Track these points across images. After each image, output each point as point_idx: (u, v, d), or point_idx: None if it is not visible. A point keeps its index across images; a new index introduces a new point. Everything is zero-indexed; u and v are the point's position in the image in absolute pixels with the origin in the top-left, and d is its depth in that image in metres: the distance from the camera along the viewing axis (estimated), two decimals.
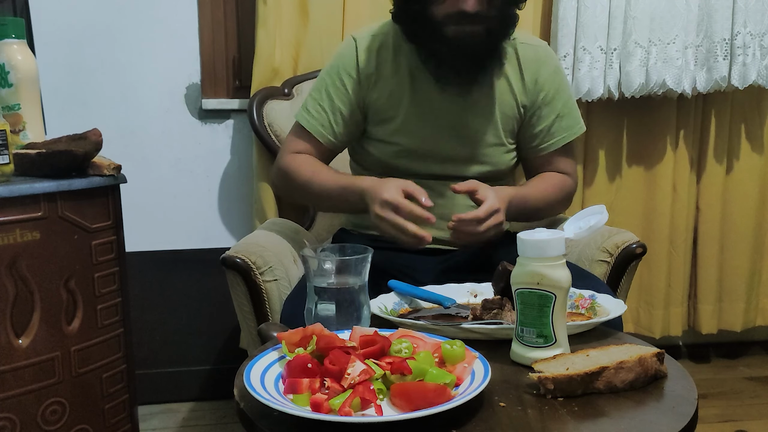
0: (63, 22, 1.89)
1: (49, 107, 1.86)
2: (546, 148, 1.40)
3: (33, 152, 1.10)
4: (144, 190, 1.97)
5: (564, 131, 1.40)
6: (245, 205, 2.05)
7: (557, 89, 1.39)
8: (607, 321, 0.98)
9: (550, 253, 0.83)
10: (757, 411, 2.01)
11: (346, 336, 0.83)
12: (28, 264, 1.03)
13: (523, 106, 1.38)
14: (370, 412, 0.70)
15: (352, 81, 1.35)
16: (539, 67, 1.38)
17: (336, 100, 1.36)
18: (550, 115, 1.39)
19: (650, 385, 0.79)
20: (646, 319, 2.22)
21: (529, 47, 1.39)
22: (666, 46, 1.97)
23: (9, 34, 1.19)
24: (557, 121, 1.40)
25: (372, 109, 1.37)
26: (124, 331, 1.20)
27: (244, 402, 0.74)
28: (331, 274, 0.93)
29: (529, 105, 1.39)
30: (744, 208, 2.23)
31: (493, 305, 0.98)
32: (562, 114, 1.40)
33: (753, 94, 2.17)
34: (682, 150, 2.15)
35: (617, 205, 2.17)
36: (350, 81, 1.36)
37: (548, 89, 1.38)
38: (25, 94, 1.20)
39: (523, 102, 1.38)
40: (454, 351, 0.78)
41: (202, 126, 2.01)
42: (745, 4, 1.97)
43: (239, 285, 1.33)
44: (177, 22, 1.96)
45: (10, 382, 1.03)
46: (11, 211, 1.01)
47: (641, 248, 1.37)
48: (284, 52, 1.91)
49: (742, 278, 2.26)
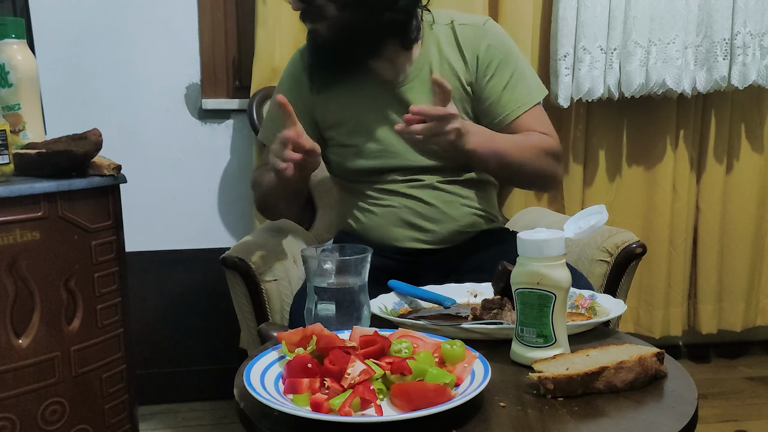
0: (63, 22, 1.89)
1: (49, 107, 1.86)
2: (503, 120, 1.36)
3: (33, 152, 1.10)
4: (144, 190, 1.97)
5: (519, 100, 1.36)
6: (245, 205, 2.05)
7: (502, 60, 1.36)
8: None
9: (550, 253, 0.83)
10: (757, 411, 2.01)
11: (346, 336, 0.83)
12: (28, 264, 1.03)
13: (468, 84, 1.37)
14: (370, 412, 0.70)
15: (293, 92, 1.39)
16: (478, 42, 1.36)
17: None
18: (497, 87, 1.36)
19: (650, 385, 0.79)
20: (646, 319, 2.22)
21: (468, 27, 1.38)
22: (666, 46, 1.97)
23: (9, 34, 1.19)
24: (508, 90, 1.36)
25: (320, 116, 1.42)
26: (124, 331, 1.20)
27: (244, 402, 0.74)
28: (331, 274, 0.93)
29: (474, 81, 1.37)
30: (744, 208, 2.23)
31: (493, 305, 0.98)
32: (513, 83, 1.36)
33: (753, 94, 2.17)
34: (682, 150, 2.15)
35: (617, 205, 2.17)
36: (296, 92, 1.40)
37: (490, 61, 1.36)
38: (25, 94, 1.20)
39: (467, 80, 1.37)
40: (454, 351, 0.78)
41: (202, 126, 2.01)
42: (745, 4, 1.98)
43: (239, 285, 1.33)
44: (177, 22, 1.96)
45: (10, 382, 1.03)
46: (11, 211, 1.01)
47: (641, 248, 1.37)
48: (284, 52, 1.91)
49: (742, 278, 2.26)
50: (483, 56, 1.36)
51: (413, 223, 1.35)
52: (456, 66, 1.37)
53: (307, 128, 1.34)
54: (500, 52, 1.37)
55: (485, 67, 1.36)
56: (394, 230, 1.36)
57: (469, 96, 1.38)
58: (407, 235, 1.36)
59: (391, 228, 1.36)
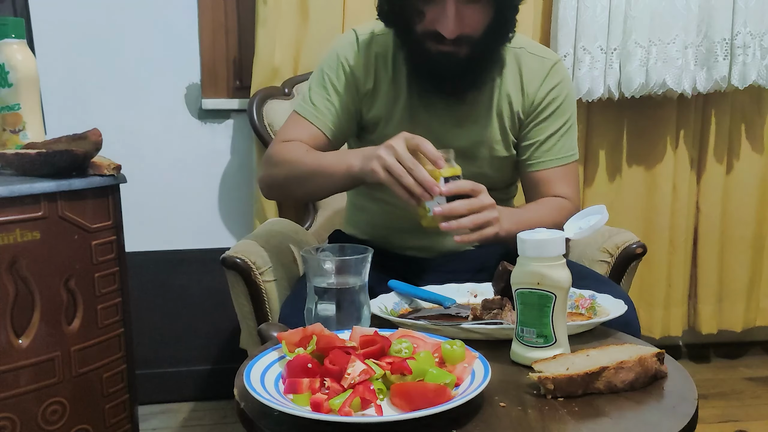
0: (63, 22, 1.89)
1: (49, 107, 1.86)
2: (535, 165, 1.32)
3: (33, 152, 1.10)
4: (144, 190, 1.96)
5: (560, 152, 1.32)
6: (245, 205, 2.05)
7: (559, 107, 1.31)
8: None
9: (550, 253, 0.83)
10: (757, 411, 2.01)
11: (346, 336, 0.83)
12: (28, 264, 1.03)
13: (519, 115, 1.31)
14: (370, 412, 0.70)
15: (353, 76, 1.30)
16: (542, 80, 1.30)
17: (343, 94, 1.29)
18: (544, 132, 1.31)
19: (650, 386, 0.79)
20: (646, 319, 2.22)
21: (536, 59, 1.31)
22: (666, 45, 1.97)
23: (9, 34, 1.19)
24: (553, 139, 1.31)
25: (366, 108, 1.32)
26: (124, 331, 1.20)
27: (244, 402, 0.74)
28: (331, 274, 0.93)
29: (524, 117, 1.31)
30: (744, 208, 2.23)
31: (493, 305, 0.98)
32: (561, 134, 1.31)
33: (753, 94, 2.17)
34: (682, 150, 2.15)
35: (617, 205, 2.17)
36: (351, 76, 1.30)
37: (548, 104, 1.30)
38: (25, 93, 1.20)
39: (519, 110, 1.31)
40: (454, 351, 0.78)
41: (202, 126, 2.01)
42: (745, 3, 1.98)
43: (239, 285, 1.33)
44: (177, 22, 1.96)
45: (10, 382, 1.03)
46: (11, 211, 1.01)
47: (641, 248, 1.37)
48: (284, 52, 1.91)
49: (742, 278, 2.26)
50: (542, 97, 1.30)
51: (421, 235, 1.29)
52: (512, 94, 1.30)
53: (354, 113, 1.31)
54: (560, 99, 1.31)
55: (541, 109, 1.31)
56: (399, 238, 1.35)
57: (515, 127, 1.32)
58: (413, 245, 1.34)
59: (397, 235, 1.35)
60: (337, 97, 1.30)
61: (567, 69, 1.35)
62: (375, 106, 1.31)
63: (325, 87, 1.30)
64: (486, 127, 1.30)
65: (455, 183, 1.07)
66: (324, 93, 1.30)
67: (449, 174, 1.07)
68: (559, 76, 1.32)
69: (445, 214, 1.06)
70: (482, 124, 1.30)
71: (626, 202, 2.18)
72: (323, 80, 1.31)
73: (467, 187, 1.09)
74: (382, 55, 1.30)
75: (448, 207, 1.06)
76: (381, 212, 1.36)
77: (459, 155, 1.26)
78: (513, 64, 1.31)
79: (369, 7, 1.90)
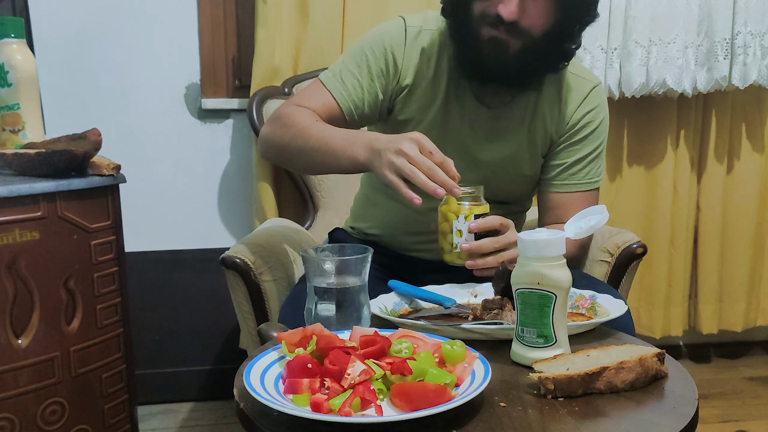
0: (63, 22, 1.89)
1: (49, 107, 1.86)
2: (559, 186, 1.30)
3: (32, 152, 1.10)
4: (144, 190, 1.96)
5: (586, 177, 1.30)
6: (245, 205, 2.05)
7: (593, 132, 1.29)
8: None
9: (550, 253, 0.83)
10: (757, 411, 2.01)
11: (346, 336, 0.83)
12: (27, 264, 1.03)
13: (551, 136, 1.29)
14: (370, 412, 0.70)
15: (393, 66, 1.25)
16: (580, 101, 1.28)
17: (375, 80, 1.24)
18: (575, 155, 1.29)
19: (651, 386, 0.79)
20: (647, 319, 2.22)
21: (577, 79, 1.29)
22: (666, 45, 1.97)
23: (8, 33, 1.19)
24: (582, 163, 1.29)
25: (399, 106, 1.27)
26: (123, 331, 1.20)
27: (244, 402, 0.74)
28: (331, 274, 0.93)
29: (557, 136, 1.29)
30: (744, 208, 2.23)
31: (494, 305, 0.98)
32: (590, 159, 1.29)
33: (753, 94, 2.17)
34: (682, 150, 2.15)
35: (617, 205, 2.17)
36: (392, 66, 1.24)
37: (583, 127, 1.28)
38: (25, 93, 1.20)
39: (552, 131, 1.29)
40: (455, 351, 0.78)
41: (202, 126, 2.01)
42: (745, 3, 1.97)
43: (239, 285, 1.32)
44: (177, 22, 1.96)
45: (10, 382, 1.03)
46: (11, 210, 1.01)
47: (642, 248, 1.37)
48: (284, 51, 1.91)
49: (742, 278, 2.26)
50: (579, 119, 1.28)
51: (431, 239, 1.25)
52: (548, 113, 1.28)
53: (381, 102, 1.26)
54: (595, 124, 1.29)
55: (575, 131, 1.28)
56: (408, 238, 1.34)
57: (546, 146, 1.30)
58: (420, 247, 1.34)
59: (406, 236, 1.34)
60: (369, 81, 1.24)
61: (604, 94, 1.33)
62: (409, 106, 1.27)
63: (359, 66, 1.25)
64: (516, 144, 1.28)
65: (484, 219, 1.09)
66: (356, 72, 1.24)
67: (480, 212, 1.09)
68: (597, 99, 1.30)
69: (473, 251, 1.07)
70: (513, 141, 1.28)
71: (626, 201, 2.18)
72: (360, 60, 1.25)
73: (495, 222, 1.09)
74: (426, 52, 1.25)
75: (476, 245, 1.07)
76: (395, 210, 1.34)
77: (483, 168, 1.27)
78: (553, 82, 1.28)
79: (369, 7, 1.91)
